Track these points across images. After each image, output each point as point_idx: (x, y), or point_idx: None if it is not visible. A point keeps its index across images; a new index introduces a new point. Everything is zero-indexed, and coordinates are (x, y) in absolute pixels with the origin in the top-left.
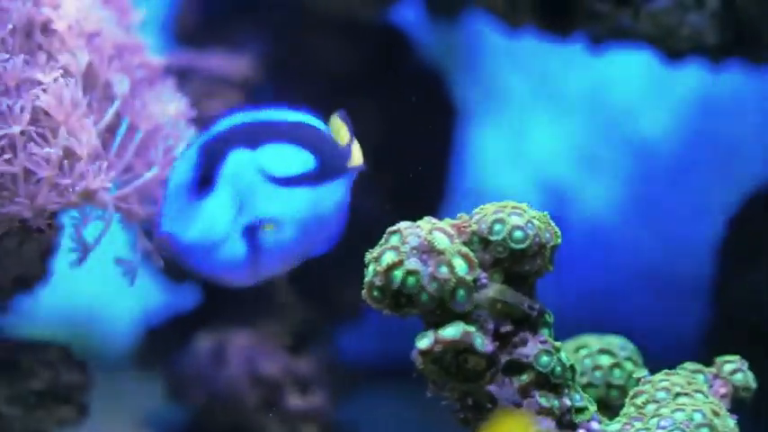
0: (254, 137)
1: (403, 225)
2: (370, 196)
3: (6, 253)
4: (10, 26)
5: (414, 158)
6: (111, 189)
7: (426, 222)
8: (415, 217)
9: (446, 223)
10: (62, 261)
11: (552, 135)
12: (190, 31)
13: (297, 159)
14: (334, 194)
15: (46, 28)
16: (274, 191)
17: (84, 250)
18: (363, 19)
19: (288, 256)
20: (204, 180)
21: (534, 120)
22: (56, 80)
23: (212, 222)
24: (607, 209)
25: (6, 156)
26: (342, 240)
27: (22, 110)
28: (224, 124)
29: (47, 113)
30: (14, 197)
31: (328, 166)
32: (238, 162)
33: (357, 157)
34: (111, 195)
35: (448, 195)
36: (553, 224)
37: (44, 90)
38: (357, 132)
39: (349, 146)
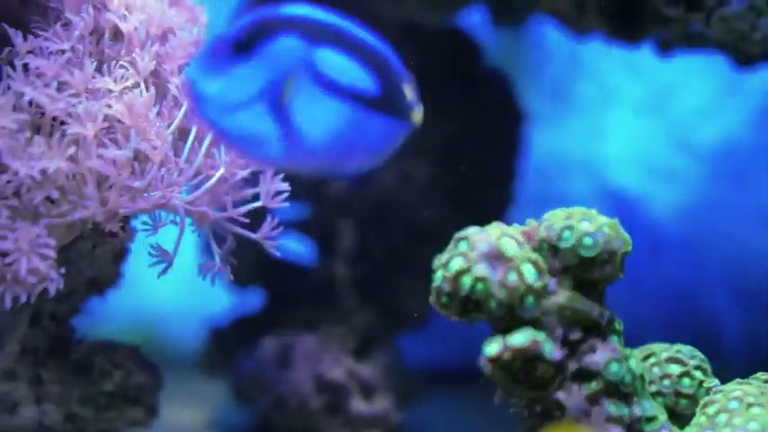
0: (317, 35)
1: (471, 231)
2: (436, 200)
3: (79, 256)
4: (77, 33)
5: (480, 162)
6: (182, 193)
7: (495, 228)
8: (480, 222)
9: (515, 229)
10: (134, 264)
11: (620, 140)
12: None
13: (356, 76)
14: (381, 130)
15: (114, 34)
16: (318, 92)
17: (164, 259)
18: (428, 24)
19: (316, 157)
20: (244, 45)
21: (602, 125)
22: (127, 89)
23: (235, 85)
24: (677, 215)
25: (78, 157)
26: (407, 243)
27: (93, 113)
28: (292, 11)
29: (119, 120)
30: (87, 200)
31: (387, 101)
32: (288, 47)
33: (417, 116)
34: (182, 199)
35: (514, 200)
36: (623, 231)
37: (115, 98)
38: (422, 136)
39: (414, 101)
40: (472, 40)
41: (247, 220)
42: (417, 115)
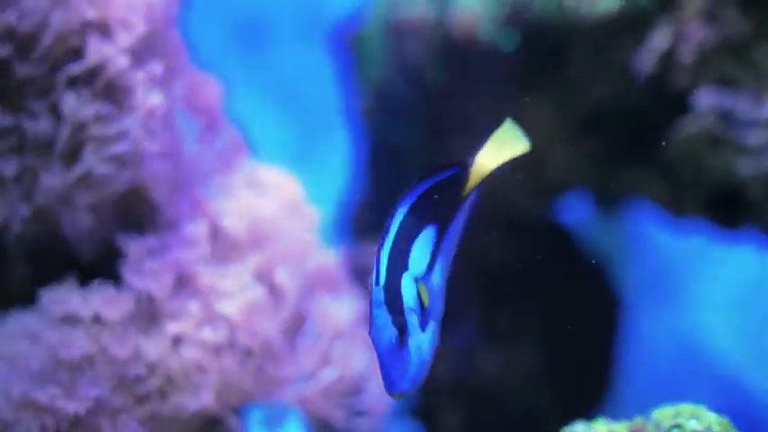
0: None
1: (579, 427)
2: (539, 388)
3: None
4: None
5: (581, 351)
6: (297, 388)
7: (602, 424)
8: (581, 412)
9: (623, 426)
10: None
11: (725, 329)
12: (365, 229)
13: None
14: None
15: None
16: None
17: None
18: (528, 215)
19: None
20: (401, 332)
21: (705, 315)
22: (243, 290)
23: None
24: None
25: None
26: (510, 430)
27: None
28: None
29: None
30: (201, 391)
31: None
32: (408, 286)
33: None
34: (296, 394)
35: (614, 391)
36: (733, 428)
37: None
38: (523, 325)
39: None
40: (570, 231)
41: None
42: None
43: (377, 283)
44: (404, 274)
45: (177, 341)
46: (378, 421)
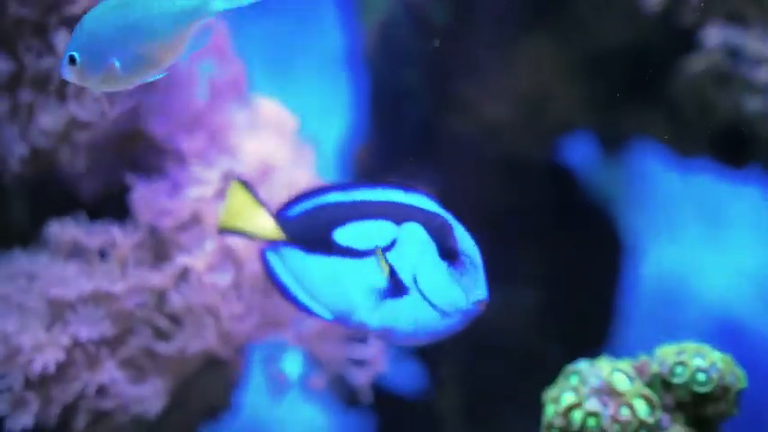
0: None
1: (582, 365)
2: (540, 330)
3: (193, 384)
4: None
5: (582, 294)
6: (296, 327)
7: (606, 363)
8: (580, 352)
9: (626, 364)
10: (249, 392)
11: (727, 270)
12: (369, 169)
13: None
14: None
15: None
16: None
17: (282, 385)
18: (532, 157)
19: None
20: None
21: (706, 255)
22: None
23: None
24: None
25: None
26: (512, 373)
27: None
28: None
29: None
30: (205, 332)
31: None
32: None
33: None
34: (296, 333)
35: (616, 332)
36: (737, 366)
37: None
38: (526, 267)
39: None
40: (574, 173)
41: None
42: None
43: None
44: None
45: (184, 279)
46: (376, 373)
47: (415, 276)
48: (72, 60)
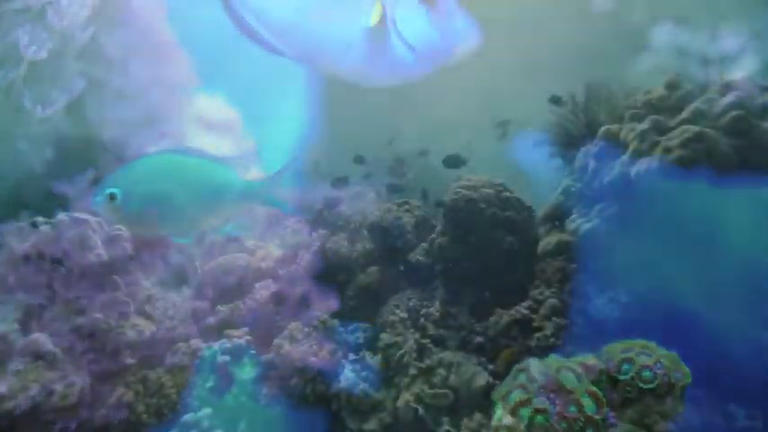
0: None
1: (531, 363)
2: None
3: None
4: None
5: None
6: None
7: (554, 360)
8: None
9: (574, 362)
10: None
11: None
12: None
13: None
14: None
15: None
16: None
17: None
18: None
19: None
20: None
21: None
22: None
23: None
24: None
25: None
26: None
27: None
28: None
29: None
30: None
31: None
32: None
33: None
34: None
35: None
36: (683, 364)
37: None
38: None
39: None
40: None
41: None
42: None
43: None
44: None
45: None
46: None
47: None
48: (112, 197)
